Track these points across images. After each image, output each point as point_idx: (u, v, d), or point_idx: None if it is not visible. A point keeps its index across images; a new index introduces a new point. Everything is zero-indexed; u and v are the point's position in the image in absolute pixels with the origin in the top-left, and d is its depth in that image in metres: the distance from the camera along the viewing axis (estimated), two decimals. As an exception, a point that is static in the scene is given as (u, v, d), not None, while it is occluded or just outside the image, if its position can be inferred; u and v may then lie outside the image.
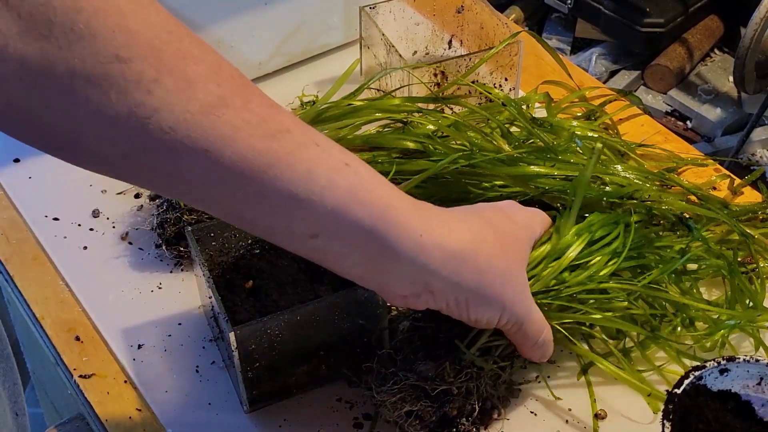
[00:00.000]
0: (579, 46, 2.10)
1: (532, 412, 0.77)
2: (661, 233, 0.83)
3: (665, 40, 1.95)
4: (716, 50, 2.06)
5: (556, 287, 0.74)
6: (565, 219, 0.76)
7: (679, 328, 0.80)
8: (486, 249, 0.65)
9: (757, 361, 0.71)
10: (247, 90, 0.57)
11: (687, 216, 0.84)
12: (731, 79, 1.88)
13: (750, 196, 0.96)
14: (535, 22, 2.16)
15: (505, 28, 1.00)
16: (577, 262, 0.75)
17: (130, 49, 0.52)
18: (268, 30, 1.05)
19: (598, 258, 0.76)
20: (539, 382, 0.79)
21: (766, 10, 1.65)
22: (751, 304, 0.81)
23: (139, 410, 0.78)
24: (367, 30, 1.04)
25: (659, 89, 1.97)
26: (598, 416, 0.76)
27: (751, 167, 1.50)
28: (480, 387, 0.71)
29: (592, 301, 0.76)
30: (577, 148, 0.87)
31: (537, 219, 0.74)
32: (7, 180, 0.97)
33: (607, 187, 0.84)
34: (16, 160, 0.98)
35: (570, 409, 0.77)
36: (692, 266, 0.85)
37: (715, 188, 0.96)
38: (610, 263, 0.76)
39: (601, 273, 0.75)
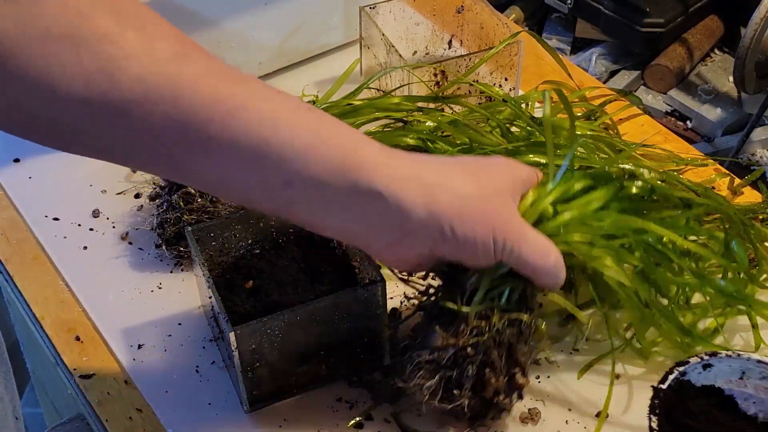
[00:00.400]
0: (579, 46, 2.09)
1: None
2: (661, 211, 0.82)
3: (665, 40, 1.95)
4: (716, 50, 2.06)
5: (540, 224, 0.71)
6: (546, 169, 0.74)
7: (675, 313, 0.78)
8: (460, 175, 0.66)
9: (739, 355, 0.72)
10: (205, 51, 0.60)
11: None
12: (731, 79, 1.88)
13: (750, 196, 0.96)
14: (535, 22, 2.15)
15: (505, 28, 1.00)
16: (564, 208, 0.72)
17: (91, 6, 0.55)
18: (268, 30, 1.05)
19: (585, 202, 0.73)
20: (539, 382, 0.79)
21: (766, 10, 1.65)
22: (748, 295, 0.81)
23: (139, 410, 0.78)
24: (367, 30, 1.03)
25: (659, 89, 1.96)
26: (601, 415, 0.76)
27: (751, 167, 1.50)
28: (498, 338, 0.69)
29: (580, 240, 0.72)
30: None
31: (521, 165, 0.72)
32: (7, 180, 0.97)
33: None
34: (16, 160, 0.98)
35: (570, 409, 0.77)
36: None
37: (714, 188, 0.96)
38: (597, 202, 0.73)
39: (588, 209, 0.73)
